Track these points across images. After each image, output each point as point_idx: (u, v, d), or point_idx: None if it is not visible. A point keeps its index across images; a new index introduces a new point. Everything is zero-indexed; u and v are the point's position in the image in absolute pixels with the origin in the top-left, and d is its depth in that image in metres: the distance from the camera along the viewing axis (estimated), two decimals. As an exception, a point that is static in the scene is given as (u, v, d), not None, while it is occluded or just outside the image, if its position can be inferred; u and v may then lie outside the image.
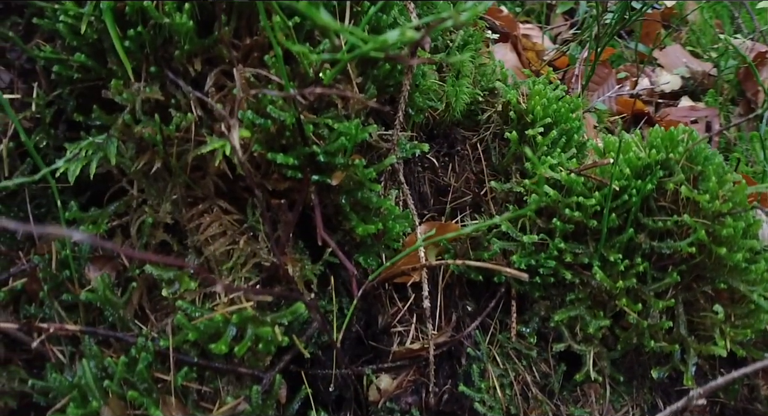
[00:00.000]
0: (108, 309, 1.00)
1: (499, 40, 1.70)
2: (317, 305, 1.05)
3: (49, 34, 1.17)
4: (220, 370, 1.02)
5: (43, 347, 1.02)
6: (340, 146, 1.02)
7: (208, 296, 1.04)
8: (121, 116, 1.01)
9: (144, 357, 0.96)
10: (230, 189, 1.09)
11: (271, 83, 1.02)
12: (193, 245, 1.05)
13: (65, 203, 1.14)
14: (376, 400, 1.16)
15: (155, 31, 0.99)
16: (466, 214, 1.31)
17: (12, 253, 1.08)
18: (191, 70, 1.01)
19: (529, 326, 1.24)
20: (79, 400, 0.94)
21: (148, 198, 1.07)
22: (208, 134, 1.02)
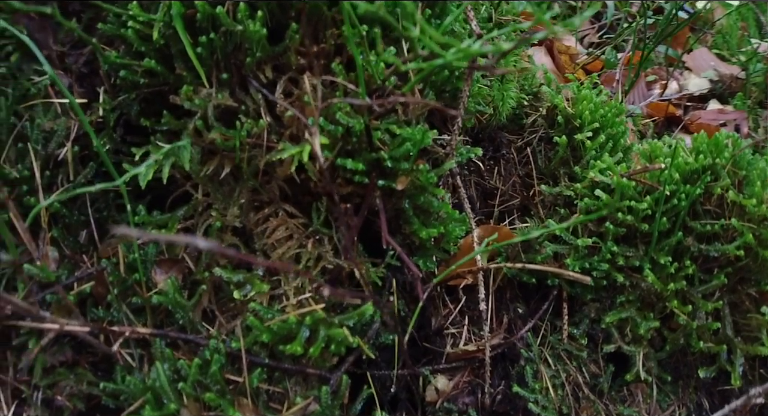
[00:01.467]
0: (178, 312, 1.04)
1: (534, 44, 1.76)
2: (390, 307, 1.09)
3: (108, 39, 1.21)
4: (288, 371, 1.06)
5: (111, 349, 1.06)
6: (406, 151, 1.07)
7: (275, 298, 1.08)
8: (192, 122, 1.05)
9: (216, 359, 1.00)
10: (294, 193, 1.13)
11: (338, 90, 1.06)
12: (260, 249, 1.09)
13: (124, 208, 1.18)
14: (433, 400, 1.21)
15: (226, 37, 1.03)
16: (515, 217, 1.36)
17: (76, 256, 1.12)
18: (262, 77, 1.05)
19: (579, 327, 1.29)
20: (154, 402, 0.98)
21: (214, 202, 1.11)
22: (277, 140, 1.06)
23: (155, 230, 1.06)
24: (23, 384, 1.06)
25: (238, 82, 1.07)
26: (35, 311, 0.91)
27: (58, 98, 1.14)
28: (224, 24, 1.01)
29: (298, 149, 0.99)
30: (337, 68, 1.06)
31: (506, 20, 1.55)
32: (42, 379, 1.05)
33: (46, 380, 1.05)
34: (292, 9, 1.05)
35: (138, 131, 1.16)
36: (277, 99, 0.99)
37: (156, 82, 1.09)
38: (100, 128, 1.16)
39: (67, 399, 1.05)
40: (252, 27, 1.00)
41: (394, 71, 1.02)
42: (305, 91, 1.04)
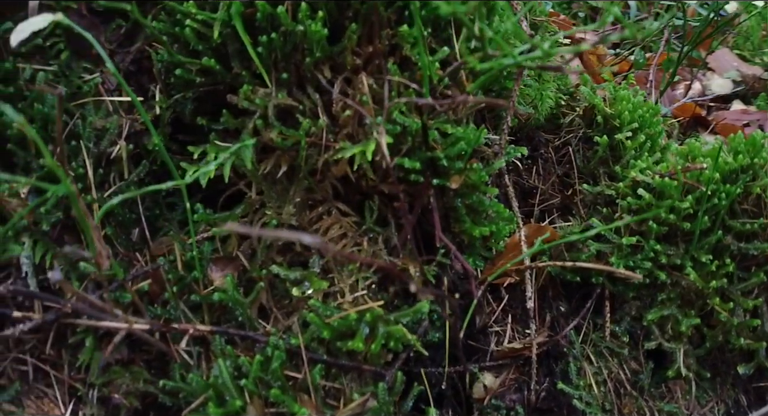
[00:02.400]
0: (238, 309, 1.07)
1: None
2: (456, 304, 1.12)
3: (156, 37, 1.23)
4: (344, 367, 1.09)
5: (168, 347, 1.09)
6: (460, 150, 1.10)
7: (329, 295, 1.11)
8: (252, 121, 1.07)
9: (278, 356, 1.03)
10: (345, 192, 1.16)
11: (393, 90, 1.09)
12: (315, 247, 1.12)
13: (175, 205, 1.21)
14: (481, 397, 1.24)
15: (285, 37, 1.06)
16: (555, 216, 1.40)
17: (129, 254, 1.14)
18: (321, 77, 1.08)
19: (620, 325, 1.33)
20: (216, 400, 1.00)
21: (268, 201, 1.14)
22: (333, 140, 1.09)
23: (217, 228, 1.09)
24: (78, 382, 1.08)
25: (296, 81, 1.09)
26: (109, 308, 0.93)
27: (108, 96, 1.17)
28: (284, 24, 1.04)
29: (360, 148, 1.02)
30: (392, 68, 1.09)
31: (539, 21, 1.59)
32: (98, 377, 1.07)
33: (101, 378, 1.07)
34: (350, 10, 1.08)
35: (188, 130, 1.19)
36: (349, 100, 1.02)
37: (211, 81, 1.12)
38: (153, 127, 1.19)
39: (124, 397, 1.07)
40: (314, 27, 1.03)
41: (456, 69, 1.06)
42: (363, 91, 1.07)
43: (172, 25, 1.13)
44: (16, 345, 1.06)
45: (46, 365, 1.07)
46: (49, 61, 1.15)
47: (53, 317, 1.01)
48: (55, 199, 1.05)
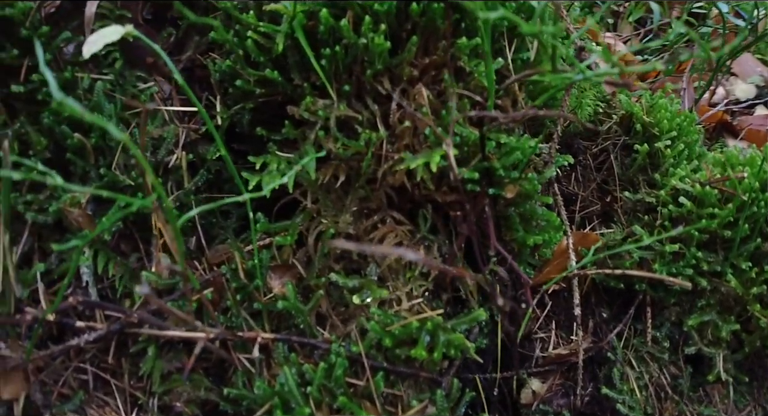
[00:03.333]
0: (299, 316, 1.10)
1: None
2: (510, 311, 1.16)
3: (208, 46, 1.26)
4: (402, 374, 1.13)
5: (229, 355, 1.12)
6: (515, 159, 1.15)
7: (384, 302, 1.15)
8: (314, 132, 1.11)
9: (340, 363, 1.07)
10: (398, 201, 1.20)
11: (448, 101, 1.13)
12: (372, 256, 1.16)
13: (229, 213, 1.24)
14: (529, 403, 1.29)
15: (346, 50, 1.09)
16: (595, 223, 1.45)
17: (188, 262, 1.17)
18: (381, 89, 1.11)
19: (660, 330, 1.38)
20: (282, 407, 1.04)
21: (324, 209, 1.17)
22: (392, 150, 1.12)
23: (280, 237, 1.12)
24: (138, 390, 1.11)
25: (354, 93, 1.13)
26: (191, 320, 0.96)
27: (164, 106, 1.20)
28: (346, 37, 1.07)
29: (423, 159, 1.06)
30: (448, 79, 1.13)
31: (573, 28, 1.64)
32: (159, 386, 1.10)
33: (162, 386, 1.10)
34: (408, 22, 1.12)
35: (243, 139, 1.22)
36: (413, 111, 1.05)
37: (271, 92, 1.15)
38: (207, 137, 1.22)
39: (184, 405, 1.10)
40: (377, 40, 1.06)
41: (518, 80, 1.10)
42: (422, 102, 1.11)
43: (231, 36, 1.16)
44: (77, 355, 1.09)
45: (106, 374, 1.10)
46: (103, 71, 1.18)
47: (118, 326, 1.04)
48: (117, 209, 1.08)
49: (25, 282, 1.04)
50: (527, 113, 0.98)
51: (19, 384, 1.00)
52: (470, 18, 1.15)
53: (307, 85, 1.11)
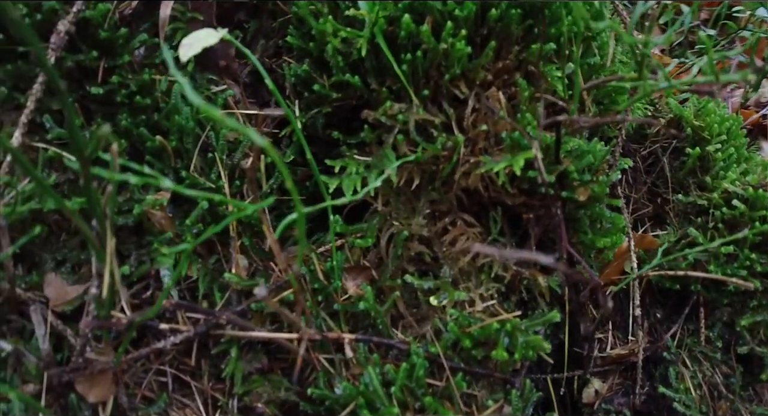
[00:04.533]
0: (378, 318, 1.12)
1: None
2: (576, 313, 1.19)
3: (276, 50, 1.28)
4: (478, 375, 1.15)
5: (308, 355, 1.13)
6: (588, 163, 1.17)
7: (458, 304, 1.17)
8: (391, 136, 1.13)
9: (421, 364, 1.09)
10: (469, 203, 1.22)
11: (523, 106, 1.16)
12: (444, 257, 1.18)
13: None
14: (591, 402, 1.32)
15: (425, 54, 1.11)
16: (648, 225, 1.48)
17: (264, 262, 1.18)
18: (458, 93, 1.14)
19: (713, 331, 1.42)
20: (367, 407, 1.06)
21: (395, 212, 1.19)
22: (467, 154, 1.15)
23: (359, 239, 1.14)
24: (218, 392, 1.12)
25: (431, 97, 1.15)
26: (297, 321, 0.97)
27: (237, 109, 1.21)
28: (426, 42, 1.10)
29: (506, 162, 1.09)
30: (522, 83, 1.16)
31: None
32: (240, 387, 1.11)
33: (242, 387, 1.11)
34: (484, 27, 1.14)
35: (314, 142, 1.24)
36: (508, 119, 1.08)
37: (346, 96, 1.17)
38: (278, 140, 1.23)
39: (265, 406, 1.11)
40: (458, 46, 1.08)
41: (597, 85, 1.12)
42: (498, 106, 1.14)
43: (306, 42, 1.18)
44: (157, 357, 1.10)
45: (186, 376, 1.11)
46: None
47: (204, 328, 1.05)
48: (200, 211, 1.09)
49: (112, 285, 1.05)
50: (613, 117, 1.01)
51: (107, 387, 1.01)
52: (542, 24, 1.18)
53: (384, 89, 1.13)
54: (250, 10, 1.29)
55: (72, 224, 1.10)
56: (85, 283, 1.07)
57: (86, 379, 1.01)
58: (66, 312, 1.03)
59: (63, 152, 1.07)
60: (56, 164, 1.10)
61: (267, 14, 1.30)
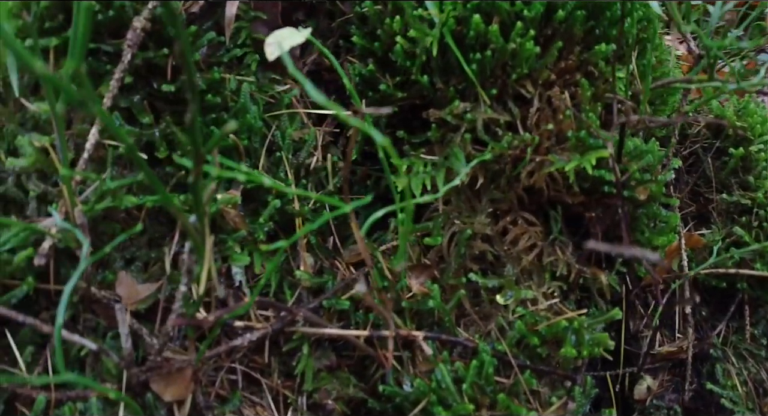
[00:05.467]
0: (446, 316, 1.13)
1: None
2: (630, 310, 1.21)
3: (334, 49, 1.29)
4: (540, 372, 1.17)
5: (375, 352, 1.14)
6: (647, 163, 1.20)
7: (523, 302, 1.19)
8: (458, 135, 1.14)
9: (490, 361, 1.10)
10: (529, 202, 1.24)
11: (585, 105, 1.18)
12: (508, 256, 1.19)
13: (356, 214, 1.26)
14: (642, 398, 1.34)
15: (493, 54, 1.13)
16: (692, 225, 1.51)
17: (330, 260, 1.19)
18: (524, 92, 1.15)
19: (757, 328, 1.45)
20: (438, 404, 1.07)
21: (456, 210, 1.20)
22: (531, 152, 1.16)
23: (428, 238, 1.15)
24: (287, 389, 1.13)
25: (496, 96, 1.16)
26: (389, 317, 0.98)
27: (302, 109, 1.21)
28: (494, 42, 1.11)
29: (577, 161, 1.10)
30: (584, 83, 1.18)
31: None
32: (310, 384, 1.12)
33: (312, 385, 1.12)
34: (549, 27, 1.16)
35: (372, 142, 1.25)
36: (582, 116, 1.09)
37: (411, 96, 1.18)
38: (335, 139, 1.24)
39: (334, 402, 1.12)
40: (528, 46, 1.10)
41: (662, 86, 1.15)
42: (562, 106, 1.15)
43: (370, 41, 1.19)
44: (228, 355, 1.10)
45: (256, 373, 1.11)
46: (241, 72, 1.19)
47: (279, 325, 1.06)
48: (273, 209, 1.10)
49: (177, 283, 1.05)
50: (682, 118, 1.03)
51: (184, 386, 1.01)
52: (603, 26, 1.19)
53: (451, 88, 1.15)
54: (307, 10, 1.30)
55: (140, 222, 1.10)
56: (155, 282, 1.07)
57: (162, 378, 1.01)
58: (140, 311, 1.04)
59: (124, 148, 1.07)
60: (123, 161, 1.09)
61: (324, 14, 1.31)
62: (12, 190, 1.05)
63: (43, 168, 1.04)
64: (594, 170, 1.15)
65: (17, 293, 1.00)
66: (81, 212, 0.93)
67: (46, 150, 1.05)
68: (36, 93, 1.09)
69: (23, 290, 0.99)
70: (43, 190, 1.03)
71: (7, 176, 1.06)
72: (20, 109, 1.09)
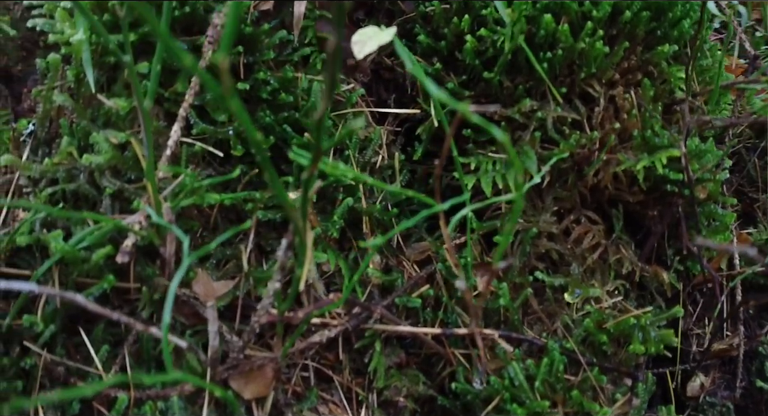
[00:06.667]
0: (515, 314, 1.15)
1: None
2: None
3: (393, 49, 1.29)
4: (605, 369, 1.19)
5: (443, 349, 1.15)
6: (707, 161, 1.22)
7: (588, 300, 1.21)
8: (528, 133, 1.16)
9: (560, 359, 1.11)
10: (591, 201, 1.26)
11: (649, 104, 1.20)
12: (572, 255, 1.21)
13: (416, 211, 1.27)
14: (695, 395, 1.36)
15: (562, 53, 1.14)
16: (737, 224, 1.53)
17: (396, 258, 1.20)
18: (591, 91, 1.17)
19: (802, 325, 1.48)
20: (511, 401, 1.08)
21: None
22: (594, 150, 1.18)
23: (500, 237, 1.16)
24: (358, 386, 1.14)
25: (564, 95, 1.18)
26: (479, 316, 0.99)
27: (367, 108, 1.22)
28: (564, 42, 1.13)
29: (647, 160, 1.12)
30: (647, 83, 1.20)
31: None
32: (381, 381, 1.12)
33: (382, 382, 1.13)
34: (614, 28, 1.18)
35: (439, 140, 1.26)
36: (657, 116, 1.11)
37: (476, 94, 1.19)
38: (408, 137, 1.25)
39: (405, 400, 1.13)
40: (598, 45, 1.12)
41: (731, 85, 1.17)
42: (627, 106, 1.17)
43: (434, 41, 1.20)
44: (301, 352, 1.11)
45: (327, 370, 1.12)
46: (308, 71, 1.20)
47: (356, 322, 1.06)
48: (346, 207, 1.10)
49: (261, 280, 1.05)
50: (747, 118, 1.05)
51: (265, 383, 1.01)
52: (664, 26, 1.22)
53: (520, 87, 1.16)
54: (368, 10, 1.31)
55: (211, 221, 1.10)
56: (230, 279, 1.07)
57: (242, 376, 1.01)
58: (220, 309, 1.04)
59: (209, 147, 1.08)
60: (196, 158, 1.10)
61: (383, 14, 1.32)
62: (84, 187, 1.06)
63: (118, 165, 1.04)
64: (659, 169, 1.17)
65: (94, 291, 1.00)
66: (169, 208, 0.93)
67: (123, 147, 1.05)
68: (106, 90, 1.09)
69: (101, 288, 0.99)
70: (119, 187, 1.03)
71: (79, 173, 1.06)
72: (89, 105, 1.09)
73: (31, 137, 1.11)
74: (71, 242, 0.98)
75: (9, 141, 1.11)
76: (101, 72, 1.08)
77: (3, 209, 1.08)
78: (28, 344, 1.02)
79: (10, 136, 1.11)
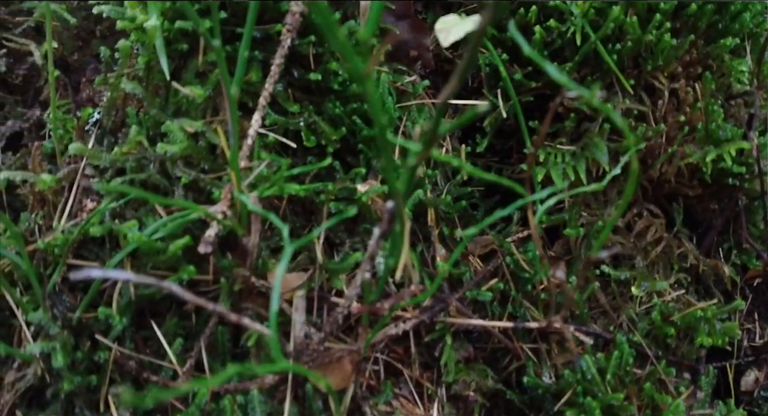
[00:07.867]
0: (583, 307, 1.16)
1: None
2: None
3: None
4: (671, 362, 1.20)
5: (511, 344, 1.16)
6: (766, 155, 1.24)
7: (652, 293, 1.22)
8: (597, 124, 1.17)
9: (629, 352, 1.13)
10: (652, 194, 1.27)
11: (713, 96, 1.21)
12: (636, 248, 1.22)
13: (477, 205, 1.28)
14: (749, 390, 1.38)
15: (631, 45, 1.16)
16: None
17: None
18: (658, 84, 1.19)
19: None
20: (584, 394, 1.09)
21: (583, 202, 1.23)
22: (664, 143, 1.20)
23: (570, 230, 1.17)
24: (427, 380, 1.14)
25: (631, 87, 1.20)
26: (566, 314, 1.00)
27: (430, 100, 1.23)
28: (632, 34, 1.14)
29: (714, 153, 1.14)
30: (708, 76, 1.21)
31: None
32: (451, 375, 1.13)
33: (452, 376, 1.13)
34: (677, 21, 1.20)
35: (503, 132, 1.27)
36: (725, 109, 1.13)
37: (541, 86, 1.20)
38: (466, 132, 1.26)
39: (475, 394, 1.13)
40: (665, 38, 1.13)
41: None
42: (687, 98, 1.19)
43: (499, 31, 1.21)
44: (372, 346, 1.10)
45: (396, 363, 1.12)
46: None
47: (430, 314, 1.07)
48: (416, 199, 1.11)
49: (335, 272, 1.05)
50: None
51: (345, 375, 1.01)
52: (726, 19, 1.24)
53: (588, 79, 1.17)
54: (426, 1, 1.31)
55: (280, 212, 1.10)
56: (302, 271, 1.07)
57: (320, 368, 1.01)
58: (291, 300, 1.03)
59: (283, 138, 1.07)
60: (269, 149, 1.09)
61: (440, 6, 1.33)
62: (155, 177, 1.05)
63: (192, 155, 1.03)
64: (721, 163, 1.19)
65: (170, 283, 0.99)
66: (257, 198, 0.93)
67: (197, 136, 1.04)
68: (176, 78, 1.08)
69: (179, 279, 0.98)
70: (194, 177, 1.02)
71: (149, 162, 1.06)
72: (158, 94, 1.09)
73: (96, 126, 1.10)
74: (146, 231, 0.97)
75: (73, 130, 1.10)
76: (171, 60, 1.07)
77: (69, 200, 1.07)
78: (99, 337, 1.01)
79: (74, 125, 1.10)
